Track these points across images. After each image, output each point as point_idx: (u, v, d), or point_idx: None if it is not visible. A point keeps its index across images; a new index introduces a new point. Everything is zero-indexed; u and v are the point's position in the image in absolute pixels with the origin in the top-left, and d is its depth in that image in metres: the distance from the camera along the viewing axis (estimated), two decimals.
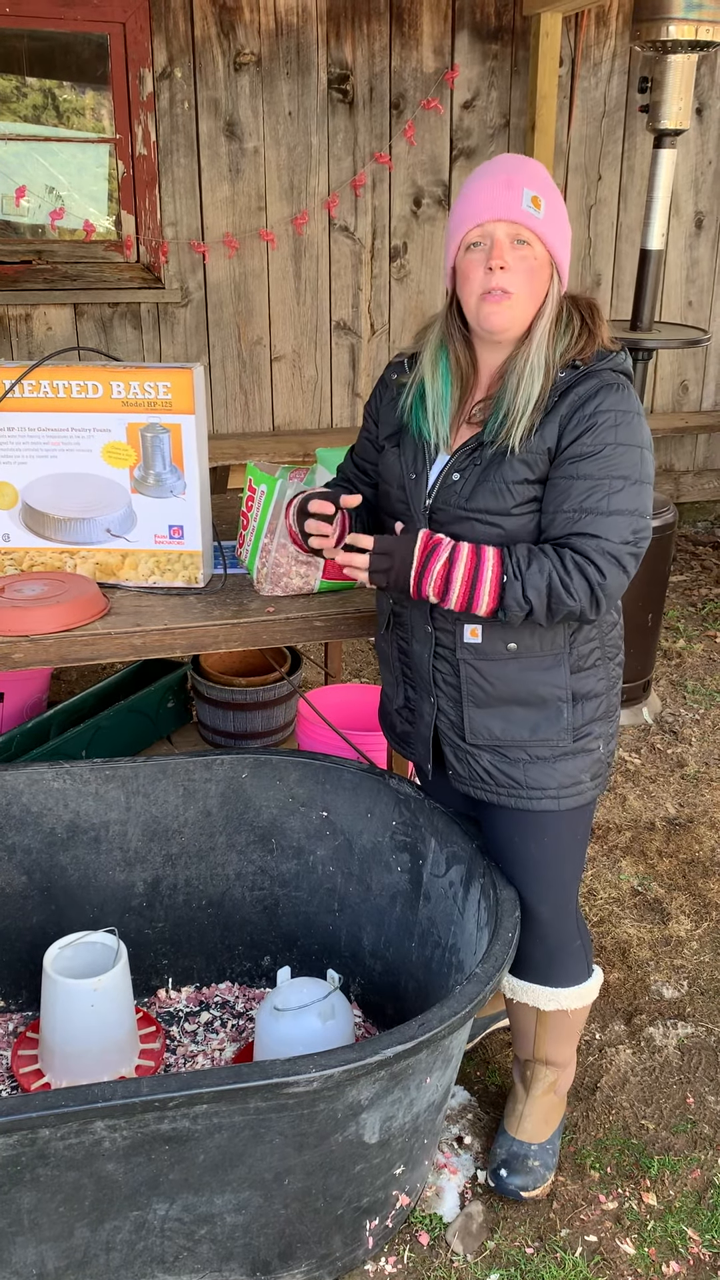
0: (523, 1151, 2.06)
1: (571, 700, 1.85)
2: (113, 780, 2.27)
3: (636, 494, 1.71)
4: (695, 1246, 1.97)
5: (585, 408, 1.71)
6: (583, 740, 1.87)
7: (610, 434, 1.70)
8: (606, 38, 4.82)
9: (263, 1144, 1.62)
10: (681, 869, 3.01)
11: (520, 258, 1.69)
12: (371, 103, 4.61)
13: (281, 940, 2.41)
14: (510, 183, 1.68)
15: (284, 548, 2.28)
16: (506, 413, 1.73)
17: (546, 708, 1.84)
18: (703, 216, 5.23)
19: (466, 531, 1.77)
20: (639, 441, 1.72)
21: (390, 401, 1.92)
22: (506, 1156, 2.06)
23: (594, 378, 1.73)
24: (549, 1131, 2.09)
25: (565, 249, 1.75)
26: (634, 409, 1.73)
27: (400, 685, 2.00)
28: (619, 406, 1.71)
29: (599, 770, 1.93)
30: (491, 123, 4.78)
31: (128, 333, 4.61)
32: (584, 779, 1.90)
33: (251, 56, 4.41)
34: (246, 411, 4.90)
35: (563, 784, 1.88)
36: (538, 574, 1.68)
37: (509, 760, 1.87)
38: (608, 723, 1.92)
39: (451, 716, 1.89)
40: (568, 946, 2.02)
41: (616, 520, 1.69)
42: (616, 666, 1.93)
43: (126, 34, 4.24)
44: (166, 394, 2.18)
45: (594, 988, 2.07)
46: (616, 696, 1.94)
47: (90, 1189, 1.59)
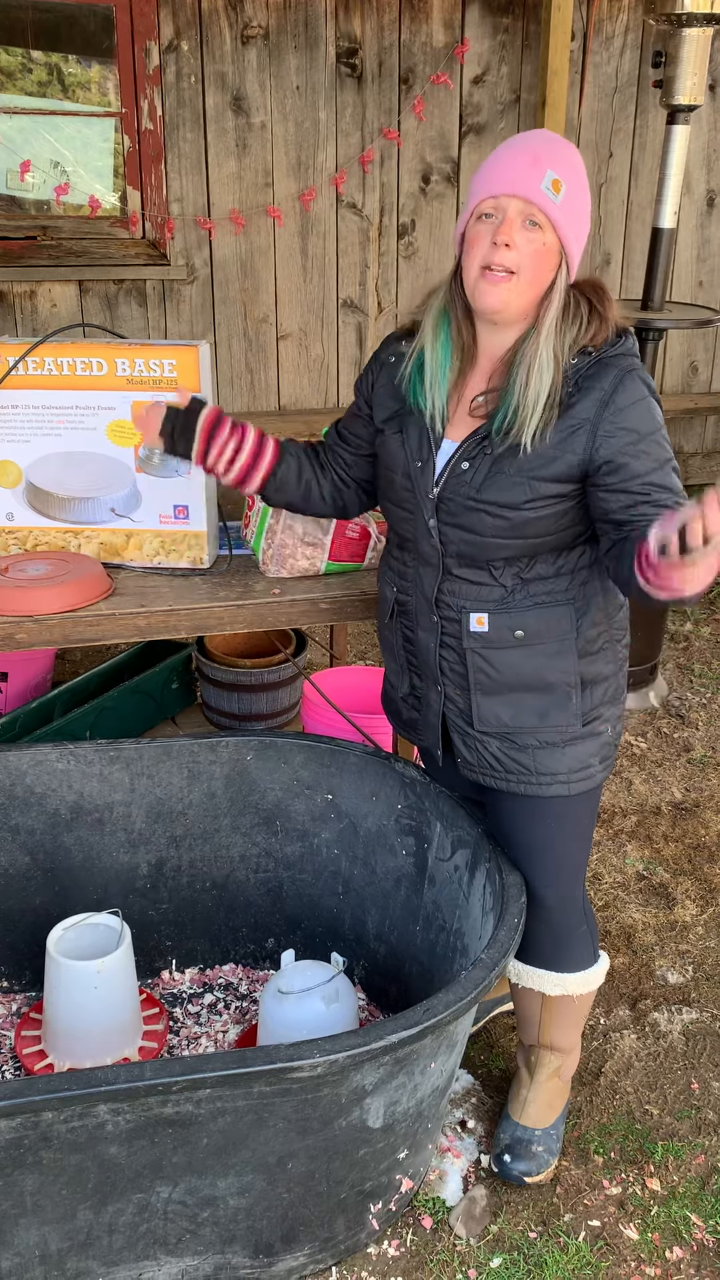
0: (526, 1137, 2.05)
1: (580, 685, 1.83)
2: (117, 761, 2.26)
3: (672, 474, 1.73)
4: (699, 1232, 1.96)
5: (614, 403, 1.67)
6: (592, 724, 1.86)
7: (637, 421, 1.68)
8: (619, 11, 4.75)
9: (266, 1128, 1.62)
10: (687, 853, 3.00)
11: (528, 239, 1.64)
12: (380, 77, 4.55)
13: (286, 923, 2.40)
14: (536, 160, 1.63)
15: (290, 529, 2.26)
16: (516, 409, 1.68)
17: (555, 693, 1.82)
18: (715, 195, 5.16)
19: (474, 522, 1.74)
20: (661, 423, 1.72)
21: (386, 382, 1.87)
22: (510, 1141, 2.05)
23: (611, 367, 1.69)
24: (553, 1117, 2.09)
25: (579, 239, 1.70)
26: (652, 392, 1.71)
27: (405, 673, 1.98)
28: (639, 394, 1.69)
29: (607, 753, 1.91)
30: (502, 98, 4.72)
31: (133, 310, 4.57)
32: (593, 763, 1.88)
33: (259, 29, 4.35)
34: (252, 390, 4.86)
35: (572, 769, 1.86)
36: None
37: (518, 747, 1.86)
38: (615, 705, 1.91)
39: (459, 704, 1.88)
40: (574, 932, 2.01)
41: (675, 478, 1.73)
42: (623, 649, 1.91)
43: (132, 6, 4.18)
44: (172, 371, 2.15)
45: (600, 973, 2.06)
46: (623, 679, 1.93)
47: (93, 1172, 1.59)
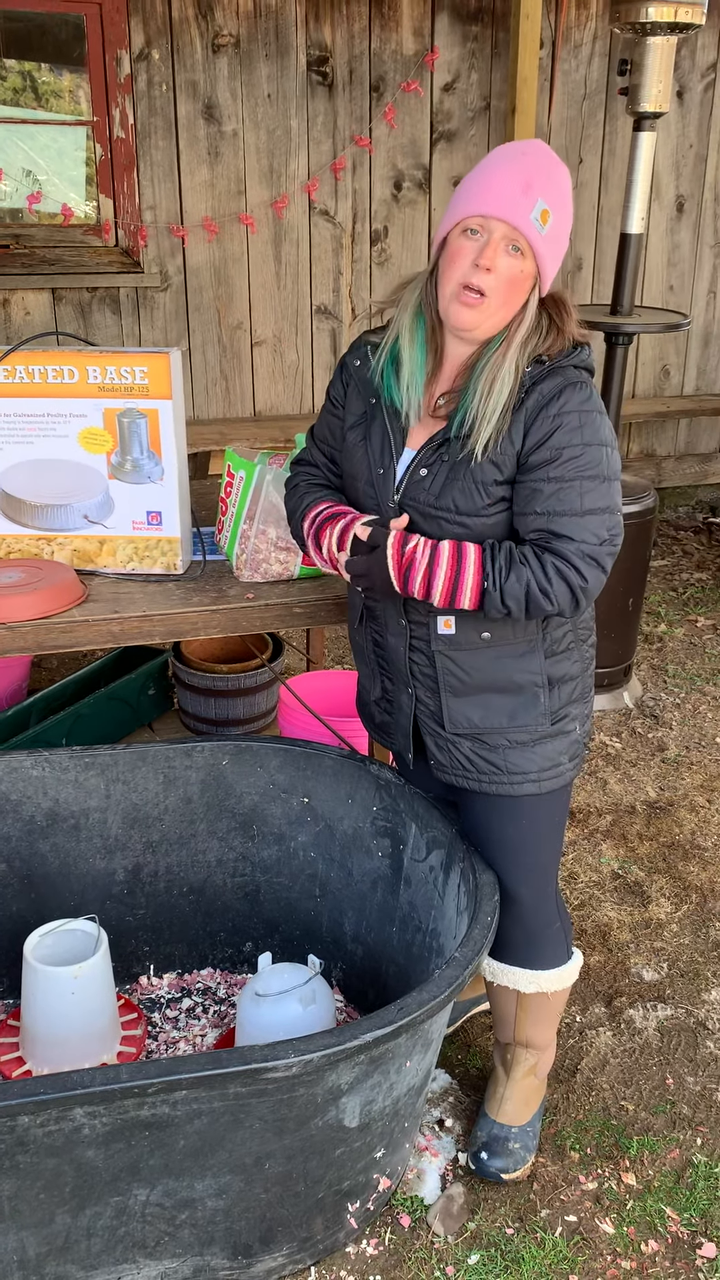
0: (503, 1134, 2.07)
1: (548, 685, 1.85)
2: (92, 768, 2.26)
3: (606, 491, 1.71)
4: (674, 1225, 1.98)
5: (549, 408, 1.70)
6: (560, 723, 1.89)
7: (576, 434, 1.70)
8: (587, 20, 4.80)
9: (243, 1129, 1.63)
10: (662, 852, 3.03)
11: (509, 265, 1.67)
12: (351, 85, 4.58)
13: (263, 926, 2.42)
14: (529, 187, 1.65)
15: (263, 534, 2.27)
16: (475, 418, 1.71)
17: (523, 693, 1.85)
18: (684, 200, 5.22)
19: (434, 529, 1.76)
20: (603, 440, 1.71)
21: (355, 386, 1.88)
22: (487, 1139, 2.07)
23: (558, 375, 1.72)
24: (529, 1114, 2.11)
25: (555, 265, 1.72)
26: (596, 407, 1.72)
27: (377, 677, 2.00)
28: (583, 406, 1.71)
29: (576, 751, 1.94)
30: (472, 105, 4.76)
31: (107, 317, 4.58)
32: (563, 761, 1.91)
33: (230, 38, 4.37)
34: (227, 397, 4.87)
35: (542, 767, 1.89)
36: (516, 583, 1.69)
37: (489, 747, 1.88)
38: (583, 704, 1.94)
39: (430, 706, 1.90)
40: (548, 929, 2.03)
41: (591, 520, 1.69)
42: (589, 649, 1.94)
43: (103, 15, 4.19)
44: (143, 379, 2.16)
45: (574, 970, 2.08)
46: (590, 678, 1.96)
47: (70, 1175, 1.59)
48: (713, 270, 5.40)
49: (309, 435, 2.02)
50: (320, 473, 1.98)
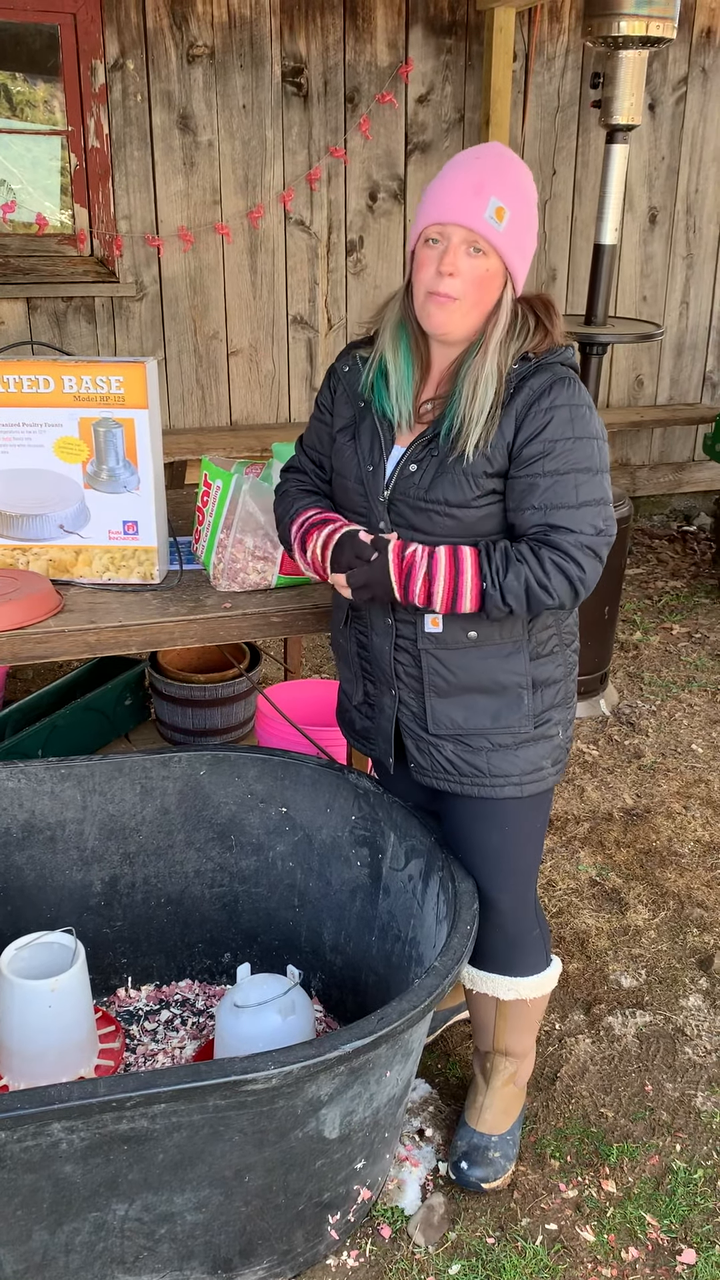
0: (483, 1143, 2.07)
1: (532, 687, 1.86)
2: (68, 779, 2.25)
3: (599, 483, 1.74)
4: (654, 1232, 1.99)
5: (540, 403, 1.72)
6: (543, 727, 1.89)
7: (567, 428, 1.72)
8: (560, 33, 4.84)
9: (222, 1142, 1.62)
10: (639, 859, 3.04)
11: (472, 266, 1.69)
12: (326, 96, 4.60)
13: (241, 937, 2.40)
14: (480, 188, 1.67)
15: (240, 543, 2.27)
16: (462, 421, 1.73)
17: (507, 695, 1.85)
18: (656, 212, 5.27)
19: (424, 522, 1.77)
20: (593, 433, 1.74)
21: (344, 391, 1.91)
22: (467, 1149, 2.07)
23: (546, 371, 1.74)
24: (509, 1122, 2.11)
25: (523, 260, 1.74)
26: (585, 402, 1.75)
27: (360, 680, 2.00)
28: (572, 400, 1.73)
29: (559, 756, 1.95)
30: (446, 117, 4.79)
31: (82, 327, 4.57)
32: (545, 765, 1.91)
33: (205, 49, 4.38)
34: (203, 406, 4.87)
35: (525, 771, 1.89)
36: (515, 580, 1.70)
37: (472, 749, 1.88)
38: (566, 709, 1.94)
39: (414, 708, 1.90)
40: (527, 936, 2.04)
41: (586, 512, 1.72)
42: (573, 653, 1.95)
43: (77, 25, 4.19)
44: (119, 388, 2.16)
45: (552, 977, 2.09)
46: (573, 683, 1.96)
47: (48, 1191, 1.58)
48: (685, 281, 5.45)
49: (298, 443, 2.04)
50: (309, 479, 1.99)
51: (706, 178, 5.29)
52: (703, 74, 5.10)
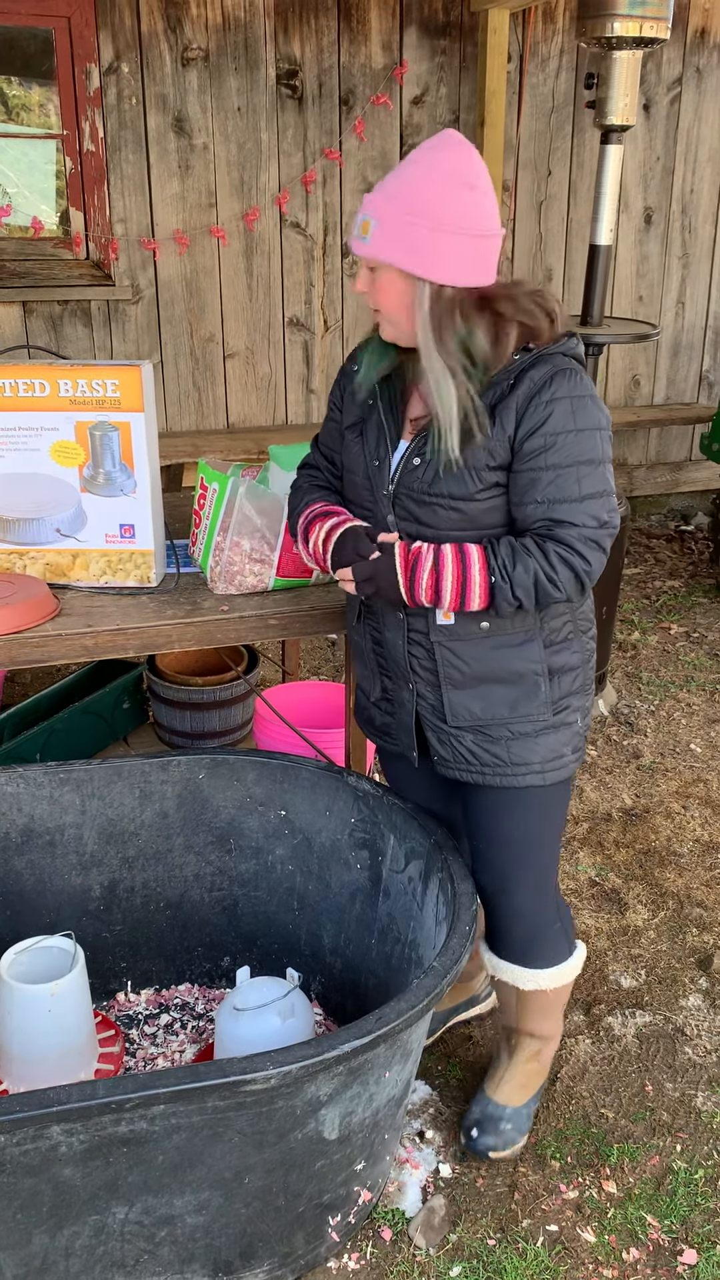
0: (497, 1114, 2.11)
1: (548, 675, 1.88)
2: (67, 783, 2.25)
3: (602, 475, 1.74)
4: (655, 1232, 1.99)
5: (540, 395, 1.71)
6: (562, 714, 1.91)
7: (568, 420, 1.71)
8: (554, 34, 4.84)
9: (222, 1143, 1.62)
10: (638, 859, 3.04)
11: (370, 281, 1.74)
12: (321, 98, 4.60)
13: (241, 940, 2.40)
14: (360, 212, 1.73)
15: (237, 546, 2.27)
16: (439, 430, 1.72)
17: (524, 683, 1.86)
18: (652, 212, 5.27)
19: (429, 516, 1.78)
20: (595, 424, 1.74)
21: (352, 391, 1.93)
22: (480, 1117, 2.11)
23: (546, 363, 1.73)
24: (525, 1097, 2.15)
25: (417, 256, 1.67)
26: (587, 392, 1.75)
27: (376, 676, 2.01)
28: (573, 392, 1.72)
29: (578, 744, 1.97)
30: (441, 118, 4.79)
31: (78, 330, 4.57)
32: (565, 752, 1.93)
33: (199, 52, 4.38)
34: (200, 409, 4.87)
35: (545, 758, 1.91)
36: (524, 573, 1.71)
37: (491, 739, 1.89)
38: (584, 696, 1.96)
39: (431, 700, 1.91)
40: (547, 928, 2.06)
41: (590, 504, 1.73)
42: (590, 640, 1.96)
43: (72, 29, 4.20)
44: (115, 392, 2.16)
45: (574, 966, 2.11)
46: (591, 670, 1.97)
47: (48, 1195, 1.58)
48: (681, 281, 5.45)
49: (314, 440, 2.08)
50: (322, 475, 2.03)
51: (701, 178, 5.30)
52: (697, 74, 5.11)
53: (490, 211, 1.70)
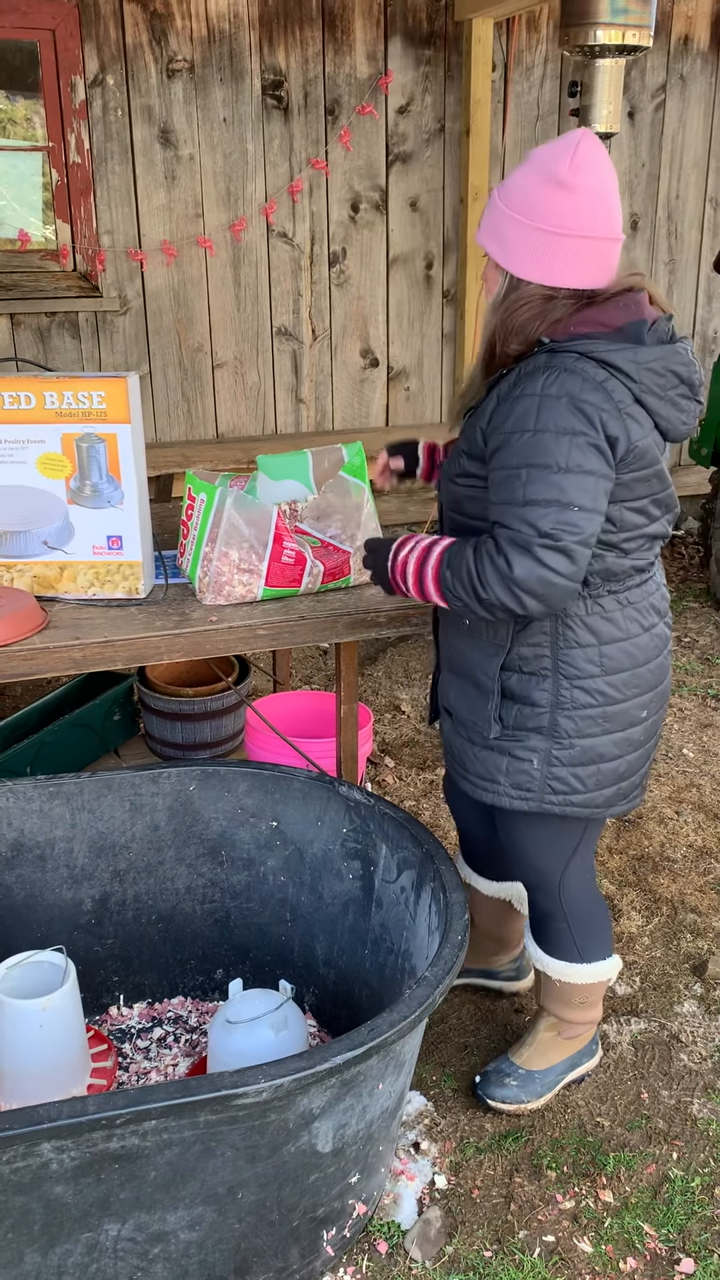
0: (508, 1069, 2.21)
1: (500, 694, 1.87)
2: (57, 797, 2.24)
3: (557, 482, 1.62)
4: (652, 1241, 1.98)
5: (514, 390, 1.68)
6: (511, 744, 1.89)
7: (528, 420, 1.65)
8: (538, 42, 4.86)
9: (214, 1158, 1.60)
10: (631, 865, 3.03)
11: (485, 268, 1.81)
12: (306, 109, 4.61)
13: (234, 953, 2.39)
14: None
15: (225, 556, 2.26)
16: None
17: (480, 690, 1.92)
18: (638, 218, 5.29)
19: (443, 493, 1.92)
20: (561, 427, 1.63)
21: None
22: (491, 1069, 2.23)
23: (542, 357, 1.68)
24: (542, 1064, 2.20)
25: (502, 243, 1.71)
26: (566, 393, 1.63)
27: (433, 652, 2.14)
28: (547, 390, 1.64)
29: (524, 783, 1.90)
30: (427, 127, 4.80)
31: (66, 342, 4.57)
32: (500, 779, 1.93)
33: (184, 63, 4.39)
34: (189, 419, 4.87)
35: (480, 773, 1.96)
36: (460, 567, 1.72)
37: (456, 731, 2.00)
38: (552, 741, 1.86)
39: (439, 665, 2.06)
40: (553, 924, 2.13)
41: (530, 510, 1.64)
42: (579, 692, 1.83)
43: (56, 41, 4.20)
44: (101, 403, 2.15)
45: (584, 972, 2.15)
46: (568, 720, 1.85)
47: (39, 1213, 1.56)
48: (668, 287, 5.46)
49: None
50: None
51: (687, 184, 5.32)
52: (681, 81, 5.13)
53: (584, 213, 1.64)
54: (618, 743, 1.89)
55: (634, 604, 1.83)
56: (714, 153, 5.30)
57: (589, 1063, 2.28)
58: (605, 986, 2.20)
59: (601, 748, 1.88)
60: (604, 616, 1.80)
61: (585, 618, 1.80)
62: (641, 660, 1.85)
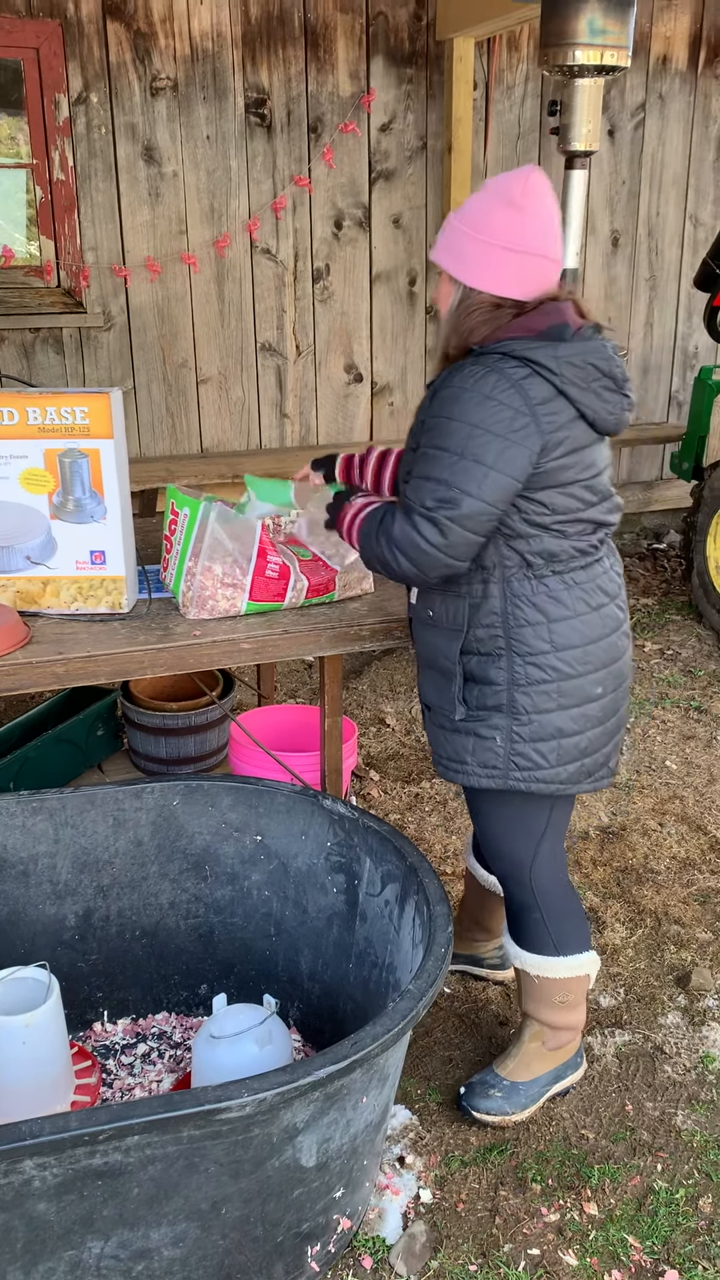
0: (491, 1080, 2.22)
1: (463, 676, 1.98)
2: (40, 812, 2.23)
3: (451, 465, 1.79)
4: (636, 1254, 1.98)
5: (442, 387, 1.84)
6: (476, 724, 1.99)
7: (442, 407, 1.82)
8: (518, 62, 4.91)
9: (198, 1173, 1.60)
10: (615, 877, 3.04)
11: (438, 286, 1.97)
12: (289, 126, 4.64)
13: (218, 968, 2.39)
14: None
15: (209, 570, 2.27)
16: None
17: (445, 675, 2.01)
18: (618, 235, 5.34)
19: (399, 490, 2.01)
20: (470, 419, 1.78)
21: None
22: (476, 1081, 2.24)
23: (471, 357, 1.84)
24: (526, 1075, 2.22)
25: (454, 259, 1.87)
26: (480, 389, 1.78)
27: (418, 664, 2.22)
28: (464, 384, 1.80)
29: (490, 761, 2.01)
30: (409, 145, 4.84)
31: (50, 358, 4.58)
32: (468, 759, 2.02)
33: (168, 81, 4.41)
34: (174, 434, 4.88)
35: (450, 756, 2.04)
36: (370, 520, 1.95)
37: (432, 721, 2.08)
38: (512, 718, 1.97)
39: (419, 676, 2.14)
40: (526, 914, 2.17)
41: (421, 484, 1.83)
42: (532, 668, 1.94)
43: (40, 60, 4.22)
44: (84, 419, 2.16)
45: (558, 966, 2.17)
46: (525, 696, 1.95)
47: (21, 1231, 1.55)
48: (649, 303, 5.52)
49: None
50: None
51: (667, 201, 5.37)
52: (660, 100, 5.19)
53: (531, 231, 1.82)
54: (575, 718, 1.98)
55: (580, 585, 1.94)
56: (694, 170, 5.36)
57: (573, 1075, 2.28)
58: (585, 984, 2.21)
59: (560, 722, 1.97)
60: (550, 595, 1.92)
61: (532, 597, 1.92)
62: (592, 637, 1.95)
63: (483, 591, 1.92)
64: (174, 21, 4.35)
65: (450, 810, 3.36)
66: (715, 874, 3.06)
